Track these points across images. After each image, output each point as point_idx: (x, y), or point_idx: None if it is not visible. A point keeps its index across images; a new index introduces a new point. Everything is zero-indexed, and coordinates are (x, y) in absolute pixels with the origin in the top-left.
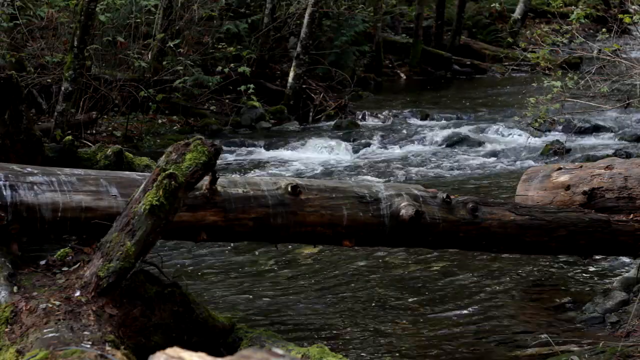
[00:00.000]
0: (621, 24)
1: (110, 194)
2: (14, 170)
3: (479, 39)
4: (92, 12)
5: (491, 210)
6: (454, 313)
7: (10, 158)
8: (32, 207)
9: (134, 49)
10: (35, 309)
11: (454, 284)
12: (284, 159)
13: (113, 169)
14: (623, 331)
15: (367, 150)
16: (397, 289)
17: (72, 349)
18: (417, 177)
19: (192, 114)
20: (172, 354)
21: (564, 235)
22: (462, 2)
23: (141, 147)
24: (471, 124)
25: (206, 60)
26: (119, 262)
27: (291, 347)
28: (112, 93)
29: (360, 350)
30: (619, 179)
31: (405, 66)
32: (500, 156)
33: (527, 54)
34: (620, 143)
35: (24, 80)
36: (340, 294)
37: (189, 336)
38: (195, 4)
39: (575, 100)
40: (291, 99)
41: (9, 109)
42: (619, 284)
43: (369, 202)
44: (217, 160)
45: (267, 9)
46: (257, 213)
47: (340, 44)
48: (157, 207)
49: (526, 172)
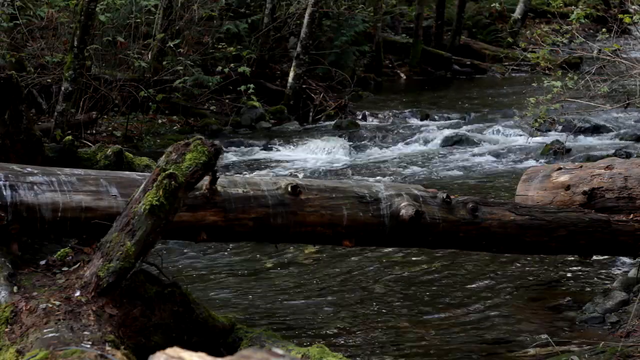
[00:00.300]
0: (621, 24)
1: (110, 194)
2: (14, 170)
3: (479, 39)
4: (92, 12)
5: (491, 210)
6: (454, 313)
7: (10, 158)
8: (32, 207)
9: (134, 49)
10: (35, 309)
11: (454, 284)
12: (284, 159)
13: (113, 169)
14: (623, 331)
15: (367, 150)
16: (397, 289)
17: (72, 349)
18: (417, 177)
19: (192, 114)
20: (172, 354)
21: (564, 235)
22: (462, 2)
23: (141, 147)
24: (471, 124)
25: (206, 60)
26: (119, 262)
27: (291, 347)
28: (112, 93)
29: (360, 350)
30: (619, 179)
31: (405, 66)
32: (500, 156)
33: (527, 54)
34: (620, 143)
35: (24, 80)
36: (340, 294)
37: (189, 336)
38: (195, 4)
39: (575, 100)
40: (291, 99)
41: (9, 109)
42: (619, 284)
43: (369, 202)
44: (218, 160)
45: (267, 9)
46: (257, 213)
47: (340, 44)
48: (157, 207)
49: (526, 172)
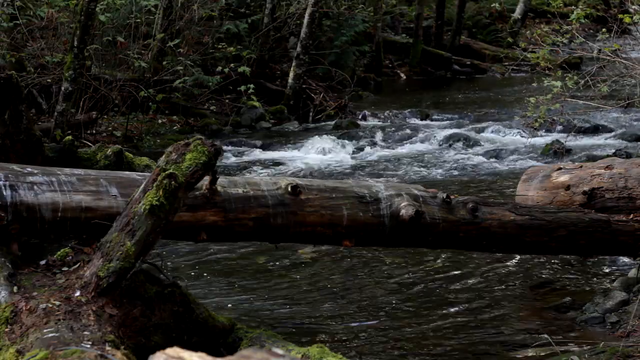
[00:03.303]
0: (621, 24)
1: (110, 194)
2: (14, 170)
3: (479, 39)
4: (92, 12)
5: (491, 210)
6: (454, 313)
7: (10, 158)
8: (32, 207)
9: (134, 49)
10: (35, 309)
11: (454, 284)
12: (284, 159)
13: (113, 169)
14: (623, 331)
15: (367, 150)
16: (397, 289)
17: (72, 349)
18: (417, 177)
19: (192, 114)
20: (172, 354)
21: (564, 235)
22: (462, 2)
23: (141, 147)
24: (471, 124)
25: (206, 60)
26: (119, 262)
27: (291, 347)
28: (112, 93)
29: (361, 350)
30: (619, 179)
31: (405, 66)
32: (500, 156)
33: (527, 54)
34: (620, 143)
35: (24, 80)
36: (340, 294)
37: (189, 336)
38: (195, 4)
39: (575, 100)
40: (291, 99)
41: (9, 109)
42: (619, 284)
43: (369, 202)
44: (218, 160)
45: (267, 9)
46: (257, 213)
47: (340, 44)
48: (157, 207)
49: (526, 172)
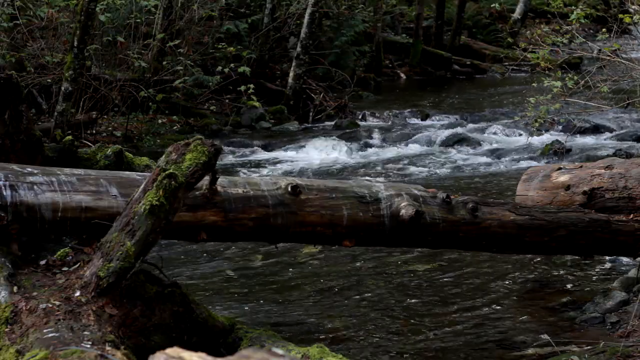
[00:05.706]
0: (621, 24)
1: (110, 194)
2: (14, 170)
3: (479, 39)
4: (92, 12)
5: (491, 210)
6: (453, 313)
7: (10, 158)
8: (32, 207)
9: (134, 49)
10: (35, 309)
11: (453, 284)
12: (284, 159)
13: (113, 169)
14: (623, 331)
15: (367, 150)
16: (396, 289)
17: (72, 349)
18: (417, 177)
19: (192, 114)
20: (172, 354)
21: (564, 235)
22: (462, 2)
23: (141, 147)
24: (471, 124)
25: (206, 60)
26: (119, 262)
27: (291, 347)
28: (112, 93)
29: (360, 350)
30: (619, 179)
31: (405, 66)
32: (500, 156)
33: (527, 54)
34: (620, 143)
35: (24, 80)
36: (340, 294)
37: (189, 336)
38: (195, 4)
39: (576, 100)
40: (291, 99)
41: (9, 109)
42: (619, 284)
43: (369, 202)
44: (217, 160)
45: (267, 9)
46: (257, 213)
47: (340, 44)
48: (157, 207)
49: (526, 172)
